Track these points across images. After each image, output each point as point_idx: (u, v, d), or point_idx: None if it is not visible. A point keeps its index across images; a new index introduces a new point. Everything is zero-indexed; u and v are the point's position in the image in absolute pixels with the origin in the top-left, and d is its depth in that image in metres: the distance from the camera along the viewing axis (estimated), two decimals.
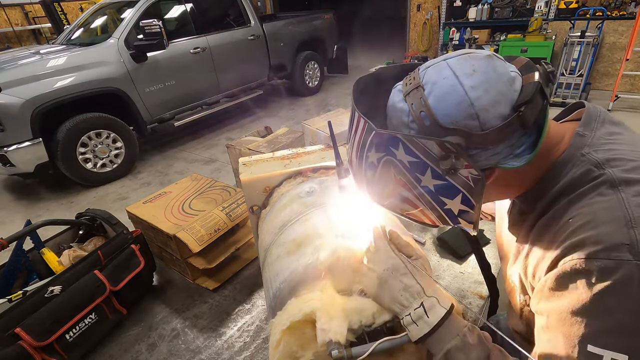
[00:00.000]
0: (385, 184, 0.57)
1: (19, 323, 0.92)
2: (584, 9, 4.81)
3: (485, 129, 0.48)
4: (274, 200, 0.98)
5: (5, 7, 6.95)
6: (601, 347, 0.42)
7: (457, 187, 0.51)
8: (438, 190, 0.53)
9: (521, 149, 0.51)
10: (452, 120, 0.49)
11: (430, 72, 0.52)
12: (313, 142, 1.93)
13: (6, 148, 3.07)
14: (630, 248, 0.42)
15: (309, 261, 0.69)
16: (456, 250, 1.27)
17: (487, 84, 0.48)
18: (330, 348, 0.57)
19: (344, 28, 7.96)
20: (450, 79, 0.50)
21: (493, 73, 0.49)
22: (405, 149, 0.51)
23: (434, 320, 0.54)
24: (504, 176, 0.54)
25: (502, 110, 0.48)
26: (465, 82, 0.49)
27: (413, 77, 0.54)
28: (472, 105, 0.48)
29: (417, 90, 0.52)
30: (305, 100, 5.91)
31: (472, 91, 0.48)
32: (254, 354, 1.01)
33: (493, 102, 0.48)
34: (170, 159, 4.21)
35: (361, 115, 0.54)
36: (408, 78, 0.55)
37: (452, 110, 0.49)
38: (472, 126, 0.48)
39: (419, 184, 0.53)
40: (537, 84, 0.49)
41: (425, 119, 0.50)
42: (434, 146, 0.48)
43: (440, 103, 0.49)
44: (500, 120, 0.48)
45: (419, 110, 0.51)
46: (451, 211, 0.55)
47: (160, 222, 1.27)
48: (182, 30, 4.35)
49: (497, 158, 0.51)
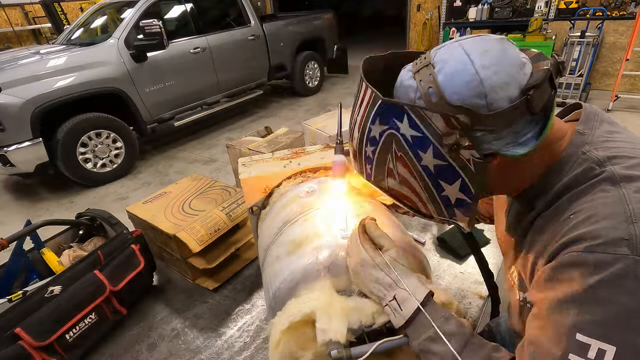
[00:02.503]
0: (385, 162, 0.57)
1: (19, 323, 0.92)
2: (584, 9, 4.80)
3: (492, 109, 0.48)
4: (274, 200, 0.98)
5: (5, 7, 6.95)
6: (590, 336, 0.42)
7: (457, 170, 0.51)
8: (438, 172, 0.53)
9: (526, 137, 0.50)
10: (460, 98, 0.48)
11: (442, 52, 0.52)
12: (313, 142, 1.93)
13: (6, 148, 3.07)
14: (628, 243, 0.43)
15: (308, 261, 0.69)
16: (456, 250, 1.27)
17: (498, 65, 0.48)
18: (329, 348, 0.58)
19: (344, 28, 7.96)
20: (461, 57, 0.49)
21: (504, 55, 0.49)
22: (410, 121, 0.50)
23: (407, 313, 0.56)
24: (506, 166, 0.53)
25: (510, 92, 0.48)
26: (477, 61, 0.48)
27: (424, 57, 0.54)
28: (481, 84, 0.48)
29: (427, 68, 0.51)
30: (305, 100, 5.91)
31: (482, 70, 0.48)
32: (254, 354, 1.01)
33: (502, 84, 0.48)
34: (170, 159, 4.21)
35: (368, 85, 0.53)
36: (419, 58, 0.55)
37: (461, 88, 0.48)
38: (480, 105, 0.48)
39: (419, 163, 0.53)
40: (547, 70, 0.49)
41: (433, 96, 0.50)
42: (439, 121, 0.48)
43: (450, 80, 0.49)
44: (508, 102, 0.48)
45: (427, 86, 0.50)
46: (448, 199, 0.55)
47: (160, 222, 1.27)
48: (182, 30, 4.35)
49: (500, 144, 0.50)
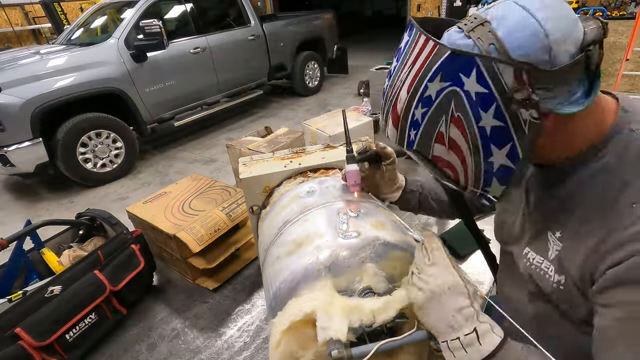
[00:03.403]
0: (436, 125, 0.53)
1: (19, 323, 0.92)
2: (584, 9, 4.81)
3: (554, 64, 0.47)
4: (274, 200, 0.98)
5: (5, 7, 6.95)
6: None
7: (511, 132, 0.50)
8: (493, 134, 0.51)
9: (576, 96, 0.49)
10: (525, 53, 0.46)
11: (494, 10, 0.50)
12: (313, 142, 1.93)
13: (6, 148, 3.07)
14: None
15: (309, 261, 0.69)
16: (457, 250, 1.27)
17: (558, 19, 0.47)
18: (330, 348, 0.57)
19: (344, 28, 7.96)
20: (520, 12, 0.47)
21: (562, 9, 0.48)
22: (478, 76, 0.48)
23: (488, 349, 0.51)
24: (557, 127, 0.52)
25: (570, 47, 0.47)
26: (538, 14, 0.47)
27: (474, 17, 0.51)
28: (547, 37, 0.46)
29: (483, 26, 0.49)
30: (305, 100, 5.91)
31: (546, 23, 0.46)
32: (254, 354, 1.01)
33: (564, 37, 0.47)
34: (170, 159, 4.21)
35: (430, 37, 0.50)
36: (467, 19, 0.52)
37: (527, 41, 0.46)
38: (544, 61, 0.46)
39: (477, 124, 0.50)
40: (600, 28, 0.48)
41: (495, 52, 0.47)
42: (509, 75, 0.46)
43: (513, 35, 0.47)
44: (569, 58, 0.47)
45: (488, 42, 0.48)
46: (492, 166, 0.53)
47: (160, 222, 1.27)
48: (182, 30, 4.35)
49: (555, 102, 0.48)
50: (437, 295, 0.55)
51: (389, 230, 0.72)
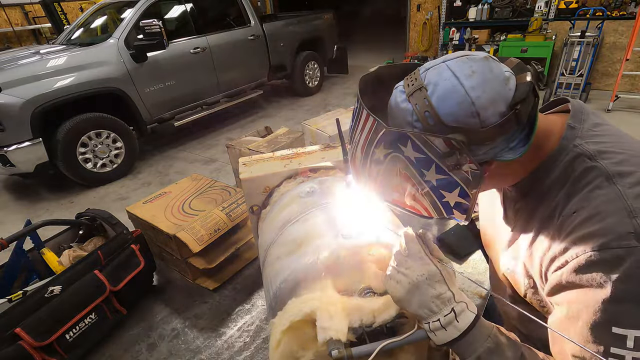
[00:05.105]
0: (390, 179, 0.60)
1: (19, 323, 0.92)
2: (584, 9, 4.80)
3: (484, 126, 0.52)
4: (274, 200, 0.98)
5: (5, 7, 6.94)
6: (624, 327, 0.46)
7: (457, 181, 0.55)
8: (439, 185, 0.56)
9: (515, 142, 0.55)
10: (455, 119, 0.52)
11: (431, 74, 0.55)
12: (313, 142, 1.93)
13: (6, 148, 3.06)
14: (635, 236, 0.47)
15: (309, 261, 0.69)
16: (456, 250, 1.27)
17: (485, 85, 0.51)
18: (330, 348, 0.57)
19: (344, 28, 7.96)
20: (451, 80, 0.52)
21: (490, 74, 0.52)
22: (414, 146, 0.54)
23: (464, 325, 0.56)
24: (500, 168, 0.57)
25: (499, 108, 0.52)
26: (465, 82, 0.51)
27: (415, 78, 0.56)
28: (473, 105, 0.51)
29: (420, 91, 0.54)
30: (305, 100, 5.91)
31: (472, 91, 0.51)
32: (254, 354, 1.01)
33: (491, 101, 0.51)
34: (170, 159, 4.20)
35: (370, 114, 0.57)
36: (409, 78, 0.57)
37: (455, 109, 0.52)
38: (473, 124, 0.52)
39: (423, 179, 0.57)
40: (530, 83, 0.53)
41: (429, 118, 0.53)
42: (440, 143, 0.52)
43: (443, 103, 0.52)
44: (498, 117, 0.52)
45: (423, 110, 0.53)
46: (448, 203, 0.59)
47: (160, 222, 1.27)
48: (182, 30, 4.34)
49: (494, 152, 0.54)
50: (415, 286, 0.59)
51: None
